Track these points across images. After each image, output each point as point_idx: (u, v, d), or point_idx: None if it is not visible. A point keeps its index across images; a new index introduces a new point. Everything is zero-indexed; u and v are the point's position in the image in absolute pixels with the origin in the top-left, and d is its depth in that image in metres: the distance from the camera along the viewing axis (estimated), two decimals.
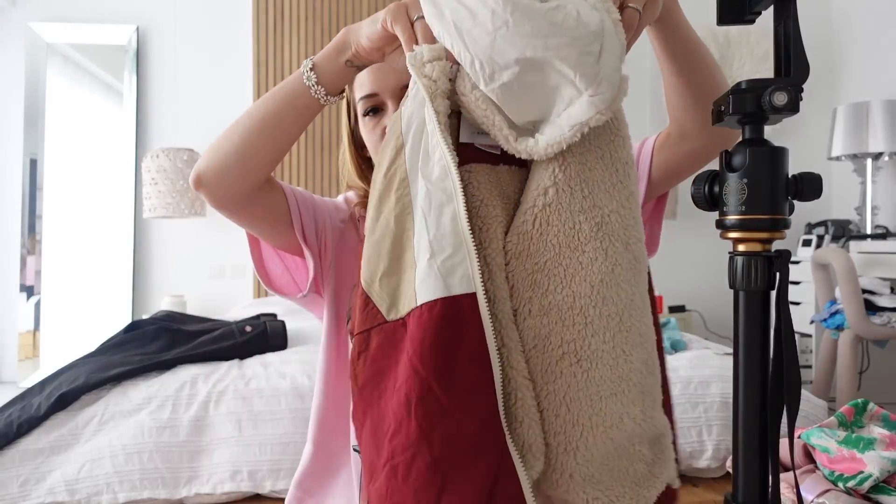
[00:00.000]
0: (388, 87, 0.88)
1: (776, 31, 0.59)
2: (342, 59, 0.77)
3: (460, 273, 0.60)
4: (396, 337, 0.63)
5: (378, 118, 0.90)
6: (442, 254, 0.61)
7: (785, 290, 0.57)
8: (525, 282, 0.65)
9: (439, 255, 0.61)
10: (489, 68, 0.62)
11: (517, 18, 0.60)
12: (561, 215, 0.65)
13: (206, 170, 0.83)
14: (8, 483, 1.65)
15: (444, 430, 0.59)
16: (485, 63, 0.62)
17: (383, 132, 0.89)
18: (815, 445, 1.39)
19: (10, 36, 3.60)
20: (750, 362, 0.58)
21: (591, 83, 0.62)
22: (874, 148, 3.07)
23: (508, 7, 0.60)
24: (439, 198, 0.62)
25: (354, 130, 0.98)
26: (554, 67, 0.62)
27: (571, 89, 0.63)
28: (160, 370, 1.88)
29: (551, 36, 0.60)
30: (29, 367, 3.51)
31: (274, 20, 3.61)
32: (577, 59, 0.61)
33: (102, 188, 3.65)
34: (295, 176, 3.59)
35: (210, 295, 3.66)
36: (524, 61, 0.61)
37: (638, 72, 3.84)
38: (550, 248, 0.65)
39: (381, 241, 0.66)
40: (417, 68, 0.66)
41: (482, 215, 0.65)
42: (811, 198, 0.57)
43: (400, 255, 0.65)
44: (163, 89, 3.67)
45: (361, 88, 0.91)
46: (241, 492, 1.75)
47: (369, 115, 0.91)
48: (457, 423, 0.58)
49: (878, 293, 2.51)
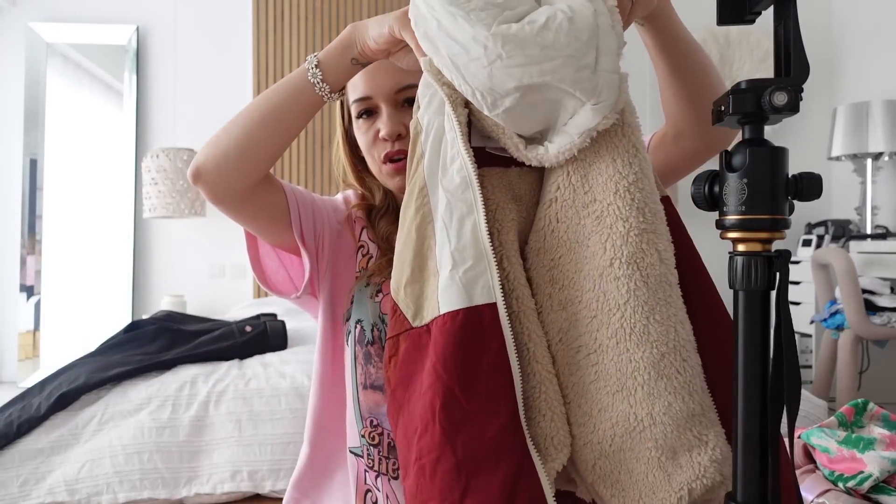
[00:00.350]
0: (382, 90, 0.88)
1: (776, 31, 0.59)
2: (348, 56, 0.77)
3: (482, 283, 0.62)
4: (421, 342, 0.65)
5: (371, 121, 0.90)
6: (464, 265, 0.63)
7: (785, 290, 0.57)
8: (544, 278, 0.67)
9: (461, 266, 0.63)
10: (490, 97, 0.64)
11: (509, 50, 0.61)
12: (567, 212, 0.67)
13: (205, 163, 0.83)
14: (8, 483, 1.65)
15: (467, 435, 0.61)
16: (485, 93, 0.64)
17: (376, 134, 0.90)
18: (815, 445, 1.39)
19: (10, 36, 3.60)
20: (750, 362, 0.58)
21: (591, 94, 0.63)
22: (874, 148, 3.07)
23: (499, 41, 0.61)
24: (460, 209, 0.64)
25: (349, 130, 0.98)
26: (553, 87, 0.63)
27: (573, 101, 0.64)
28: (160, 370, 1.88)
29: (545, 61, 0.61)
30: (29, 367, 3.51)
31: (274, 20, 3.61)
32: (573, 77, 0.62)
33: (102, 188, 3.65)
34: (294, 173, 3.59)
35: (210, 295, 3.66)
36: (523, 88, 0.63)
37: (638, 71, 3.83)
38: (562, 245, 0.67)
39: (404, 250, 0.68)
40: (435, 76, 0.67)
41: (499, 219, 0.68)
42: (811, 198, 0.57)
43: (422, 264, 0.67)
44: (163, 89, 3.67)
45: (355, 91, 0.90)
46: (241, 492, 1.75)
47: (363, 117, 0.91)
48: (479, 428, 0.61)
49: (878, 293, 2.51)
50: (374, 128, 0.90)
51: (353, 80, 0.88)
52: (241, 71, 3.67)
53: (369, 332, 0.90)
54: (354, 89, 0.90)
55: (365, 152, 0.93)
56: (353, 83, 0.89)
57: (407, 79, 0.86)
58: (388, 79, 0.87)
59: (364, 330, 0.91)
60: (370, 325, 0.90)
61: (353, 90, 0.90)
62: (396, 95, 0.88)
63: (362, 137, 0.92)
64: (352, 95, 0.91)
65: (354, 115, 0.92)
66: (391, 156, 0.89)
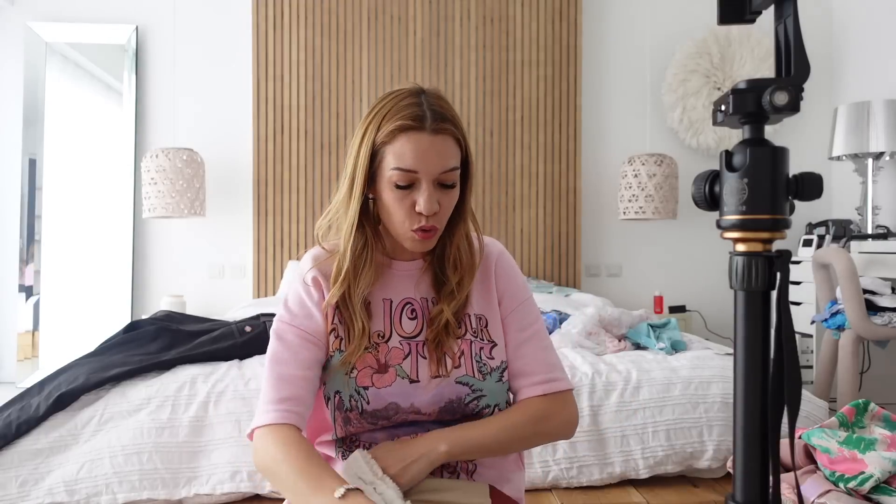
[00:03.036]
0: (429, 170, 0.90)
1: (777, 31, 0.59)
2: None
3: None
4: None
5: (408, 192, 0.92)
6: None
7: (785, 290, 0.56)
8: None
9: None
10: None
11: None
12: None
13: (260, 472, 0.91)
14: (7, 484, 1.65)
15: None
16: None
17: (412, 206, 0.92)
18: (816, 446, 1.38)
19: (9, 35, 3.60)
20: (750, 362, 0.57)
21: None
22: (875, 148, 3.07)
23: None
24: None
25: (373, 176, 0.94)
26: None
27: None
28: (160, 370, 1.88)
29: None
30: (28, 367, 3.51)
31: (274, 20, 3.60)
32: None
33: (101, 188, 3.65)
34: (295, 175, 3.59)
35: (210, 295, 3.66)
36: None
37: (638, 71, 3.84)
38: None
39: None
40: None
41: None
42: (812, 198, 0.57)
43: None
44: (162, 89, 3.67)
45: (401, 160, 0.90)
46: (240, 492, 1.75)
47: (401, 188, 0.91)
48: None
49: (878, 293, 2.51)
50: (411, 199, 0.91)
51: (401, 150, 0.90)
52: (241, 71, 3.67)
53: (347, 401, 0.94)
54: (401, 159, 0.90)
55: (392, 216, 0.94)
56: (400, 153, 0.90)
57: (450, 162, 0.91)
58: (437, 161, 0.90)
59: (342, 399, 0.95)
60: (348, 396, 0.94)
61: (398, 159, 0.90)
62: (439, 176, 0.91)
63: (395, 204, 0.92)
64: (396, 162, 0.90)
65: (393, 180, 0.91)
66: (423, 227, 0.93)
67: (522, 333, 1.01)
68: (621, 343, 2.18)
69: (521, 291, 1.04)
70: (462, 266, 0.99)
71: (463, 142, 0.94)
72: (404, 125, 0.89)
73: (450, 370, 0.95)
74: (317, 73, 3.61)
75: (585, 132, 3.80)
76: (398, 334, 0.97)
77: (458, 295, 0.97)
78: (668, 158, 3.50)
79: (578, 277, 3.71)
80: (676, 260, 3.84)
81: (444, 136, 0.91)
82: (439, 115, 0.91)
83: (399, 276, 1.01)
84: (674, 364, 1.98)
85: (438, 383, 0.95)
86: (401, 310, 0.99)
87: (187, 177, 3.32)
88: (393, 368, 0.95)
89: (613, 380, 1.89)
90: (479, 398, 0.96)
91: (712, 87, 3.76)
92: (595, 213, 3.82)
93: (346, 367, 0.94)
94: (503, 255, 1.05)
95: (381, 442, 0.95)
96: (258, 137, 3.59)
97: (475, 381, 0.96)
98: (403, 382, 0.95)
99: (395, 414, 0.95)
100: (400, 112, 0.90)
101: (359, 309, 0.96)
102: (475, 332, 0.99)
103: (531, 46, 3.70)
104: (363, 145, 0.93)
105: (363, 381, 0.94)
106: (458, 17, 3.66)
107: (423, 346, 0.97)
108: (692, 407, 1.87)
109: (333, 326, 0.97)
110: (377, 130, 0.91)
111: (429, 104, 0.92)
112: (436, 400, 0.95)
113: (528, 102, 3.69)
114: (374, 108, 0.94)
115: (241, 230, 3.67)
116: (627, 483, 1.89)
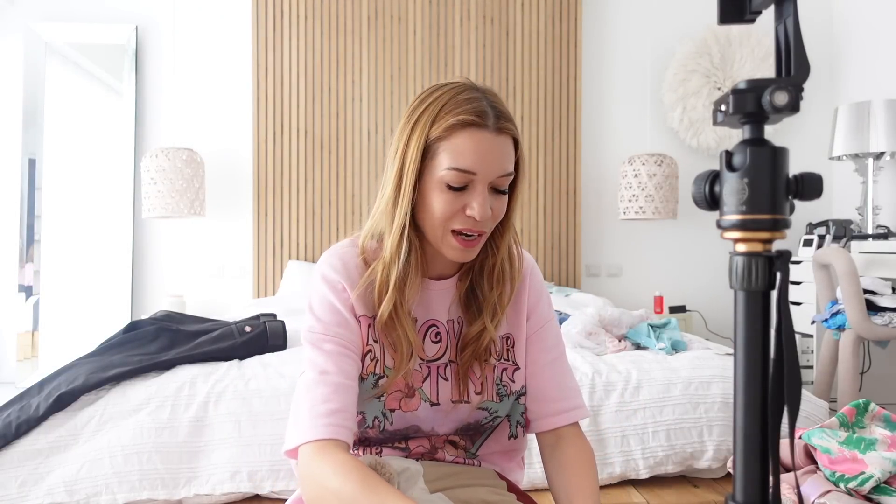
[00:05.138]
0: (488, 172, 0.82)
1: (777, 31, 0.59)
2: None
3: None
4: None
5: (460, 195, 0.83)
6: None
7: (785, 290, 0.56)
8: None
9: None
10: None
11: None
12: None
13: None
14: (7, 484, 1.65)
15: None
16: None
17: (463, 209, 0.83)
18: (816, 446, 1.38)
19: (8, 35, 3.60)
20: (750, 363, 0.57)
21: None
22: (875, 147, 3.07)
23: None
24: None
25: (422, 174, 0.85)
26: None
27: None
28: (159, 370, 1.88)
29: None
30: (27, 367, 3.51)
31: (273, 20, 3.60)
32: None
33: (101, 188, 3.65)
34: (295, 175, 3.59)
35: (210, 295, 3.66)
36: None
37: (638, 71, 3.84)
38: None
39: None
40: None
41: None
42: (812, 197, 0.57)
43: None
44: (162, 89, 3.67)
45: (460, 160, 0.81)
46: (240, 492, 1.75)
47: (454, 189, 0.83)
48: None
49: (879, 293, 2.51)
50: (462, 202, 0.83)
51: (461, 148, 0.81)
52: (241, 70, 3.67)
53: (370, 421, 0.89)
54: (459, 157, 0.81)
55: (436, 219, 0.84)
56: (459, 151, 0.81)
57: (509, 166, 0.84)
58: (497, 164, 0.83)
59: (365, 419, 0.90)
60: (372, 417, 0.89)
61: (456, 157, 0.81)
62: (496, 180, 0.84)
63: (443, 206, 0.83)
64: (452, 161, 0.81)
65: (445, 180, 0.82)
66: (467, 231, 0.84)
67: (548, 354, 0.97)
68: (621, 343, 2.18)
69: (549, 310, 0.99)
70: (504, 280, 0.92)
71: (519, 146, 0.87)
72: (467, 120, 0.81)
73: (471, 396, 0.91)
74: (317, 73, 3.61)
75: (585, 132, 3.80)
76: (419, 357, 0.91)
77: (500, 312, 0.91)
78: (669, 158, 3.50)
79: (578, 277, 3.71)
80: (676, 260, 3.84)
81: (505, 136, 0.83)
82: (501, 113, 0.84)
83: (429, 295, 0.93)
84: (674, 364, 1.98)
85: (458, 408, 0.91)
86: (424, 331, 0.92)
87: (187, 177, 3.32)
88: (417, 392, 0.90)
89: (613, 380, 1.89)
90: (494, 419, 0.95)
91: (712, 86, 3.76)
92: (595, 213, 3.82)
93: (377, 391, 0.88)
94: (535, 268, 1.00)
95: (388, 450, 0.93)
96: (258, 137, 3.59)
97: (494, 404, 0.93)
98: (426, 405, 0.90)
99: (415, 434, 0.93)
100: (460, 106, 0.81)
101: (408, 325, 0.87)
102: (499, 354, 0.94)
103: (531, 46, 3.70)
104: (414, 139, 0.83)
105: (391, 405, 0.89)
106: (458, 17, 3.66)
107: (446, 369, 0.92)
108: (692, 407, 1.87)
109: (370, 348, 0.89)
110: (431, 124, 0.82)
111: (489, 101, 0.84)
112: (454, 423, 0.93)
113: (528, 102, 3.69)
114: (426, 99, 0.84)
115: (241, 230, 3.67)
116: (627, 483, 1.89)
